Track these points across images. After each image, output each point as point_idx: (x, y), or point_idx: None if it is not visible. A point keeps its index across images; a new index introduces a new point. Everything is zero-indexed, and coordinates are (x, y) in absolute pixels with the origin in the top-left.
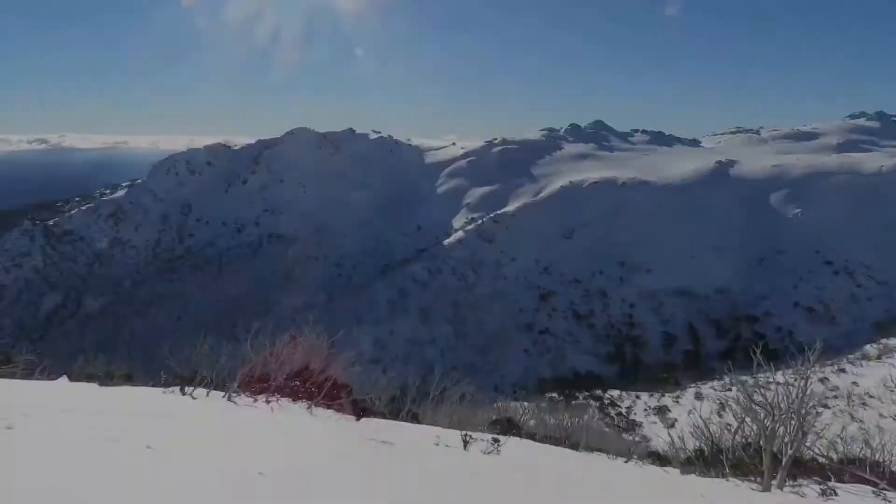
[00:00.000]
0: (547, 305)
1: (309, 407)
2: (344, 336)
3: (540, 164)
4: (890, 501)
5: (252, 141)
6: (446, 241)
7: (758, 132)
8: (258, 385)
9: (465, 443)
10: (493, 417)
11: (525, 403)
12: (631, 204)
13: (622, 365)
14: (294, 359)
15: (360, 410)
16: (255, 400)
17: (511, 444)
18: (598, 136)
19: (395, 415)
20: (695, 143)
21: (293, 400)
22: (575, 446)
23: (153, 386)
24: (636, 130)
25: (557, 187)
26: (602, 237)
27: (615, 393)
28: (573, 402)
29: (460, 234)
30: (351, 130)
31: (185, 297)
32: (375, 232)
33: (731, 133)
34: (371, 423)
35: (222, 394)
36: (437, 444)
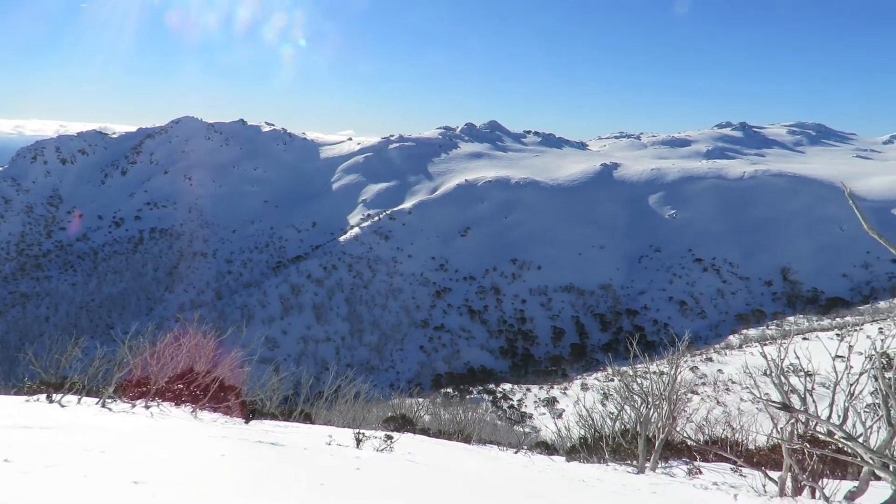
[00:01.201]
0: (442, 302)
1: (193, 411)
2: (233, 335)
3: (436, 162)
4: (745, 476)
5: (132, 129)
6: (342, 238)
7: (638, 137)
8: (137, 389)
9: (358, 441)
10: (389, 414)
11: (420, 399)
12: (523, 203)
13: (514, 359)
14: (177, 360)
15: (250, 412)
16: (133, 405)
17: (405, 440)
18: (493, 136)
19: (287, 415)
20: (582, 145)
21: (176, 404)
22: (468, 439)
23: (15, 394)
24: (528, 132)
25: (453, 185)
26: (496, 235)
27: (507, 386)
28: (468, 397)
29: (356, 230)
30: (242, 121)
31: (55, 296)
32: (268, 227)
33: (615, 137)
34: (261, 425)
35: (96, 400)
36: (330, 444)
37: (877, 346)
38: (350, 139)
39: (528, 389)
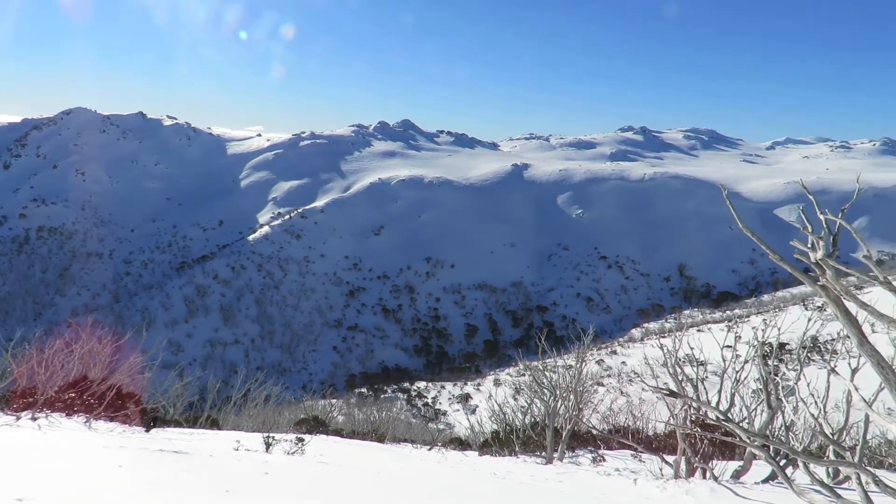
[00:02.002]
0: (356, 301)
1: (87, 421)
2: (132, 340)
3: (349, 160)
4: (644, 461)
5: (16, 119)
6: (251, 237)
7: (547, 139)
8: (22, 401)
9: (268, 445)
10: (301, 417)
11: (334, 401)
12: (437, 202)
13: (429, 357)
14: (69, 368)
15: (151, 420)
16: (18, 418)
17: (317, 442)
18: (406, 134)
19: (192, 422)
20: (494, 146)
21: (67, 414)
22: (382, 439)
23: None
24: (441, 131)
25: (367, 184)
26: (410, 234)
27: (422, 384)
28: (382, 396)
29: (266, 229)
30: (141, 114)
31: None
32: (170, 226)
33: (526, 138)
34: (164, 433)
35: None
36: (238, 449)
37: (758, 336)
38: (259, 135)
39: (443, 387)
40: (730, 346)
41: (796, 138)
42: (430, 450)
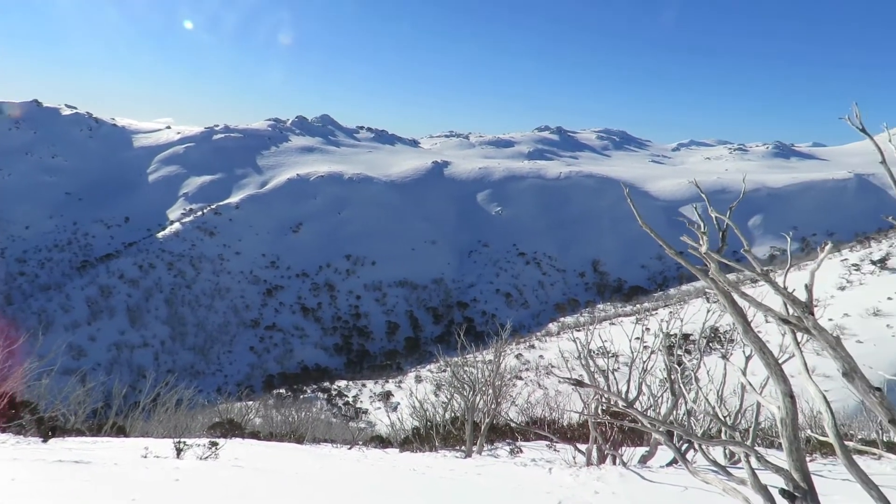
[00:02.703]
0: (274, 300)
1: None
2: (27, 345)
3: (266, 155)
4: (559, 451)
5: None
6: (160, 234)
7: (467, 137)
8: None
9: (179, 451)
10: (215, 420)
11: (251, 402)
12: (357, 198)
13: (349, 355)
14: None
15: (49, 429)
16: None
17: (232, 445)
18: (325, 130)
19: (96, 430)
20: (415, 143)
21: None
22: (301, 440)
23: None
24: (361, 127)
25: (284, 179)
26: (329, 231)
27: (343, 383)
28: (301, 397)
29: (177, 226)
30: (37, 102)
31: None
32: (70, 223)
33: (446, 136)
34: (63, 443)
35: None
36: (146, 457)
37: (663, 328)
38: (169, 127)
39: (364, 385)
40: (639, 338)
41: (699, 140)
42: (350, 449)
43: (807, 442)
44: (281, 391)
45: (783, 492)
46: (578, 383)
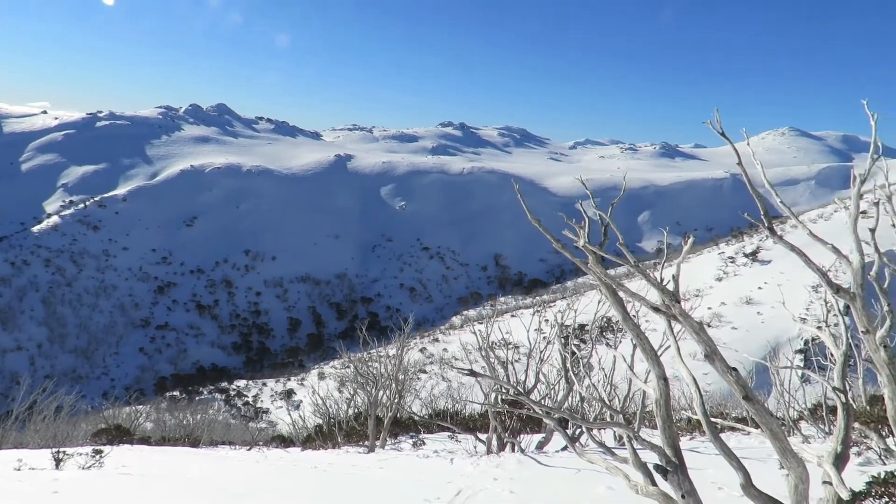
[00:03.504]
0: (166, 298)
1: None
2: None
3: (156, 145)
4: (461, 441)
5: None
6: (36, 228)
7: (370, 130)
8: None
9: (58, 461)
10: (100, 427)
11: (141, 407)
12: (256, 191)
13: (249, 354)
14: None
15: None
16: None
17: (120, 452)
18: (222, 119)
19: None
20: (317, 135)
21: None
22: (196, 443)
23: None
24: (261, 118)
25: (177, 171)
26: (227, 225)
27: (242, 383)
28: (197, 398)
29: (56, 219)
30: None
31: None
32: None
33: (349, 129)
34: None
35: None
36: (20, 469)
37: (558, 319)
38: (45, 112)
39: (265, 384)
40: (538, 330)
41: (594, 139)
42: (249, 450)
43: (688, 421)
44: (174, 394)
45: (657, 467)
46: (472, 373)
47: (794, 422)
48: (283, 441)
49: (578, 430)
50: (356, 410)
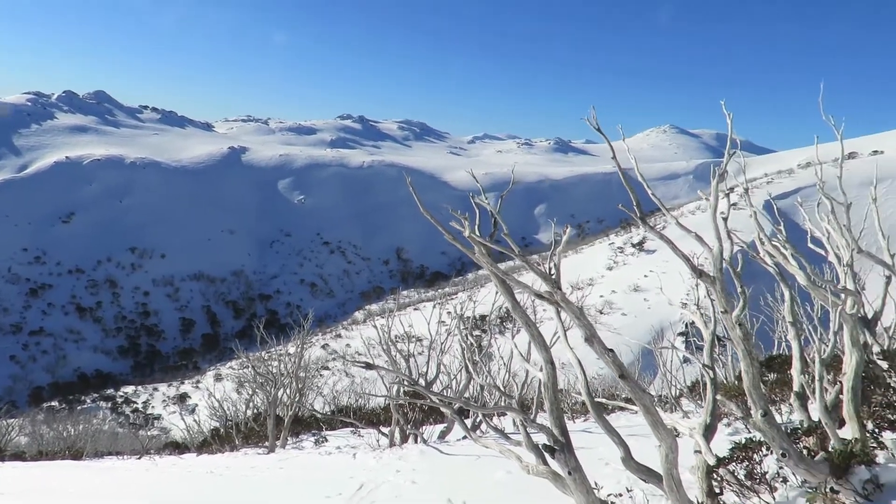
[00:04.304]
0: (40, 301)
1: None
2: None
3: (25, 135)
4: (363, 436)
5: None
6: None
7: (266, 122)
8: None
9: None
10: None
11: (13, 420)
12: (142, 185)
13: (137, 358)
14: None
15: None
16: None
17: None
18: (101, 108)
19: None
20: (208, 126)
21: None
22: (79, 455)
23: None
24: (145, 107)
25: (50, 163)
26: (109, 221)
27: (130, 389)
28: (79, 408)
29: None
30: None
31: None
32: None
33: (243, 120)
34: None
35: None
36: None
37: (457, 311)
38: None
39: (156, 389)
40: (442, 322)
41: (492, 134)
42: (139, 459)
43: (583, 403)
44: (53, 404)
45: (545, 446)
46: (368, 366)
47: (675, 399)
48: (177, 447)
49: (478, 418)
50: (255, 411)
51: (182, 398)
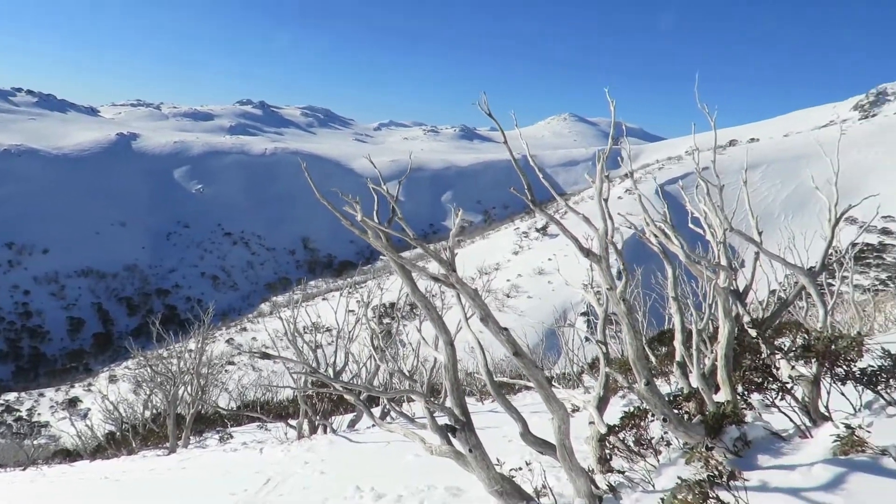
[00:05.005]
0: None
1: None
2: None
3: None
4: (270, 430)
5: None
6: None
7: (159, 107)
8: None
9: None
10: None
11: None
12: (17, 174)
13: (19, 362)
14: None
15: None
16: None
17: None
18: None
19: None
20: (93, 111)
21: None
22: None
23: None
24: (20, 89)
25: None
26: None
27: (12, 396)
28: None
29: None
30: None
31: None
32: None
33: (132, 105)
34: None
35: None
36: None
37: (366, 299)
38: None
39: (42, 394)
40: (352, 311)
41: (398, 121)
42: (24, 470)
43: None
44: None
45: (446, 426)
46: (265, 356)
47: (577, 375)
48: (68, 455)
49: (388, 406)
50: (155, 411)
51: (72, 403)
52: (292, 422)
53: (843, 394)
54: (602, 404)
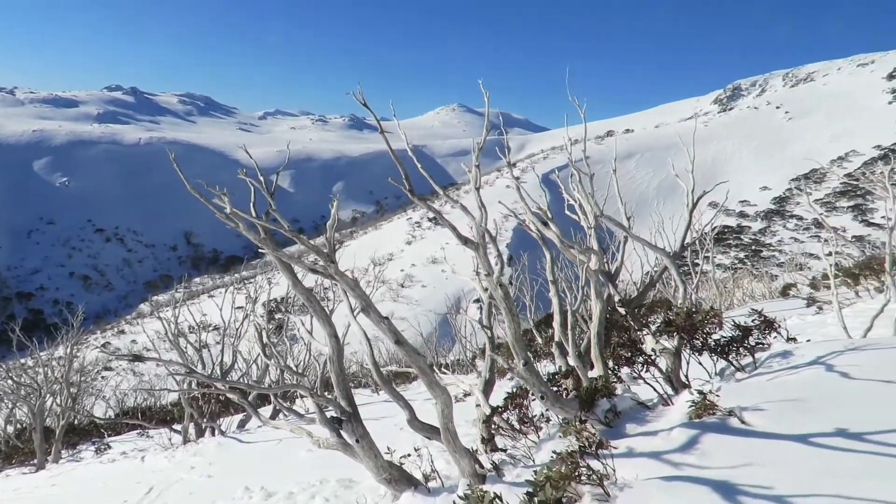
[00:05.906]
0: None
1: None
2: None
3: None
4: (152, 437)
5: None
6: None
7: (12, 92)
8: None
9: None
10: None
11: None
12: None
13: None
14: None
15: None
16: None
17: None
18: None
19: None
20: None
21: None
22: None
23: None
24: None
25: None
26: None
27: None
28: None
29: None
30: None
31: None
32: None
33: None
34: None
35: None
36: None
37: (253, 295)
38: None
39: None
40: (241, 308)
41: (284, 110)
42: None
43: (389, 374)
44: None
45: (332, 418)
46: (136, 358)
47: (471, 360)
48: None
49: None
50: (19, 426)
51: None
52: (177, 426)
53: (700, 363)
54: (488, 387)
